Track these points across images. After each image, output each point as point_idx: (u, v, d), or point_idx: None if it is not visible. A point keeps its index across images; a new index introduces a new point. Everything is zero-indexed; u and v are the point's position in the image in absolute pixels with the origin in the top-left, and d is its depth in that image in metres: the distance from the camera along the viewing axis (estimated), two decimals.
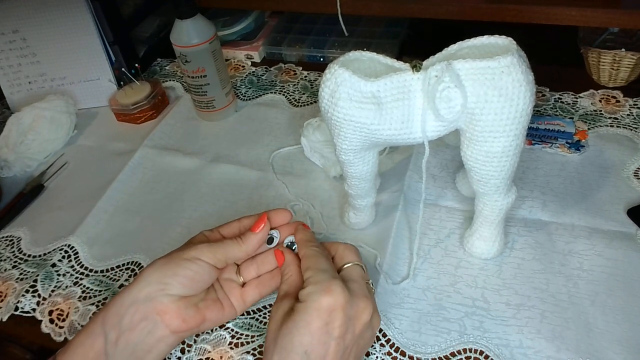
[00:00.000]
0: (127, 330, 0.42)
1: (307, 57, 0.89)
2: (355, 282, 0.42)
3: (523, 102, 0.41)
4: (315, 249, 0.45)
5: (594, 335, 0.47)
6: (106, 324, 0.43)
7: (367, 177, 0.52)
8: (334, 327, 0.39)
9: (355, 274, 0.44)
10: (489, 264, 0.53)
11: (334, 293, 0.39)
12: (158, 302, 0.43)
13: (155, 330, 0.43)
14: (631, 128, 0.66)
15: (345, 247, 0.46)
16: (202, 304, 0.46)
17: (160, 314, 0.43)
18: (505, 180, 0.47)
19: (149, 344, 0.43)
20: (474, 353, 0.47)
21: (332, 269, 0.43)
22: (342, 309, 0.39)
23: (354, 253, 0.46)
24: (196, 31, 0.70)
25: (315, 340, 0.38)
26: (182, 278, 0.44)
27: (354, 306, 0.40)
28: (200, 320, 0.45)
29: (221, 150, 0.74)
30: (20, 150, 0.75)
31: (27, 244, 0.64)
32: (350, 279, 0.43)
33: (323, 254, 0.45)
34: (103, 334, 0.42)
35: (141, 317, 0.42)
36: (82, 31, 0.80)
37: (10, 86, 0.84)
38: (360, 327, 0.41)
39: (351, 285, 0.41)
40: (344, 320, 0.39)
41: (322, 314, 0.39)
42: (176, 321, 0.43)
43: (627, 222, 0.55)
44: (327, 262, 0.44)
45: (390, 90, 0.43)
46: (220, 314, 0.47)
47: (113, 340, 0.42)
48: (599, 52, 0.71)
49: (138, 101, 0.79)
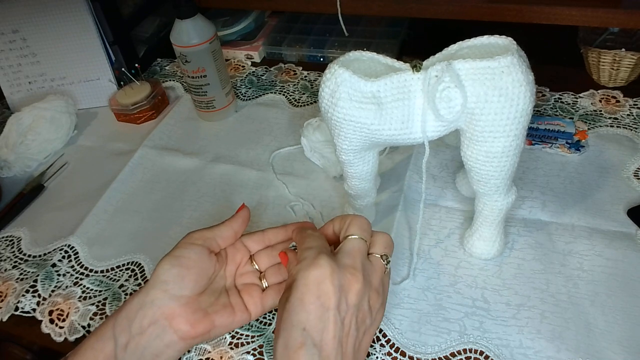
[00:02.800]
0: (137, 334, 0.42)
1: (307, 57, 0.89)
2: (348, 253, 0.41)
3: (523, 102, 0.41)
4: (306, 231, 0.45)
5: (594, 336, 0.47)
6: (116, 328, 0.43)
7: (367, 177, 0.52)
8: (326, 298, 0.38)
9: (351, 246, 0.42)
10: (489, 264, 0.53)
11: (320, 265, 0.39)
12: (164, 305, 0.43)
13: (164, 335, 0.43)
14: (631, 128, 0.66)
15: (352, 219, 0.45)
16: (211, 308, 0.45)
17: (169, 318, 0.43)
18: (505, 180, 0.47)
19: (158, 348, 0.43)
20: (474, 353, 0.47)
21: (320, 246, 0.42)
22: (329, 280, 0.39)
23: (358, 226, 0.44)
24: (196, 31, 0.70)
25: (312, 316, 0.38)
26: (178, 269, 0.44)
27: (342, 277, 0.39)
28: (209, 325, 0.45)
29: (221, 150, 0.74)
30: (20, 151, 0.75)
31: (27, 244, 0.64)
32: (344, 251, 0.42)
33: (312, 235, 0.44)
34: (113, 338, 0.42)
35: (150, 322, 0.43)
36: (82, 31, 0.80)
37: (10, 86, 0.84)
38: (353, 297, 0.40)
39: (341, 257, 0.41)
40: (333, 291, 0.39)
41: (311, 288, 0.39)
42: (184, 326, 0.43)
43: (627, 222, 0.55)
44: (316, 240, 0.43)
45: (390, 90, 0.43)
46: (230, 319, 0.46)
47: (123, 345, 0.42)
48: (599, 52, 0.71)
49: (138, 101, 0.79)
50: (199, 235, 0.47)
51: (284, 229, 0.51)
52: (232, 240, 0.49)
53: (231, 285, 0.49)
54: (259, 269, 0.50)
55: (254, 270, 0.50)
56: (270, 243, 0.51)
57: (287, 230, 0.51)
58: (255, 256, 0.50)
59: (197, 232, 0.47)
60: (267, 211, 0.63)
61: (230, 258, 0.49)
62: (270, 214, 0.63)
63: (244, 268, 0.50)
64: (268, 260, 0.50)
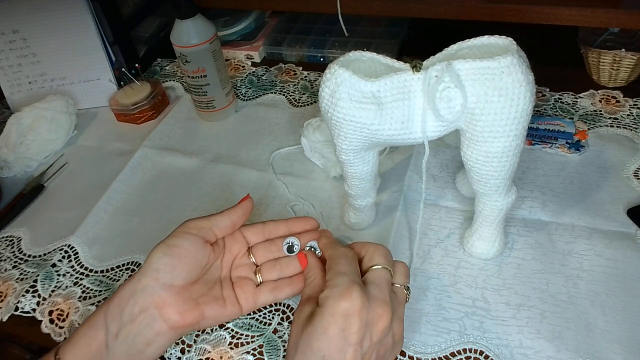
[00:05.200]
0: (128, 322, 0.42)
1: (307, 57, 0.89)
2: (378, 286, 0.41)
3: (523, 102, 0.41)
4: (340, 250, 0.44)
5: (594, 336, 0.47)
6: (108, 316, 0.43)
7: (367, 177, 0.52)
8: (350, 332, 0.38)
9: (379, 277, 0.42)
10: (489, 264, 0.53)
11: (351, 298, 0.38)
12: (155, 294, 0.43)
13: (154, 324, 0.43)
14: (631, 128, 0.66)
15: (375, 248, 0.44)
16: (202, 299, 0.45)
17: (159, 307, 0.43)
18: (505, 180, 0.47)
19: (148, 337, 0.43)
20: (474, 353, 0.47)
21: (353, 272, 0.41)
22: (358, 315, 0.38)
23: (382, 255, 0.44)
24: (196, 31, 0.70)
25: (333, 345, 0.38)
26: (170, 258, 0.43)
27: (371, 312, 0.39)
28: (199, 316, 0.44)
29: (221, 150, 0.74)
30: (20, 151, 0.75)
31: (27, 244, 0.64)
32: (373, 282, 0.41)
33: (347, 256, 0.43)
34: (105, 326, 0.42)
35: (140, 309, 0.42)
36: (82, 31, 0.80)
37: (10, 86, 0.84)
38: (378, 333, 0.39)
39: (372, 290, 0.40)
40: (360, 326, 0.38)
41: (338, 320, 0.38)
42: (174, 316, 0.43)
43: (627, 222, 0.55)
44: (349, 265, 0.42)
45: (391, 90, 0.43)
46: (220, 311, 0.46)
47: (114, 333, 0.42)
48: (599, 52, 0.71)
49: (138, 101, 0.79)
50: (195, 224, 0.46)
51: (284, 224, 0.50)
52: (229, 230, 0.48)
53: (226, 277, 0.48)
54: (255, 263, 0.49)
55: (250, 263, 0.49)
56: (270, 236, 0.50)
57: (288, 225, 0.50)
58: (253, 249, 0.50)
59: (194, 220, 0.47)
60: (267, 211, 0.63)
61: (227, 248, 0.49)
62: (270, 214, 0.63)
63: (240, 260, 0.49)
64: (265, 255, 0.49)
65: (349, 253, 0.44)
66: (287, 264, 0.49)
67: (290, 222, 0.50)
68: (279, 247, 0.49)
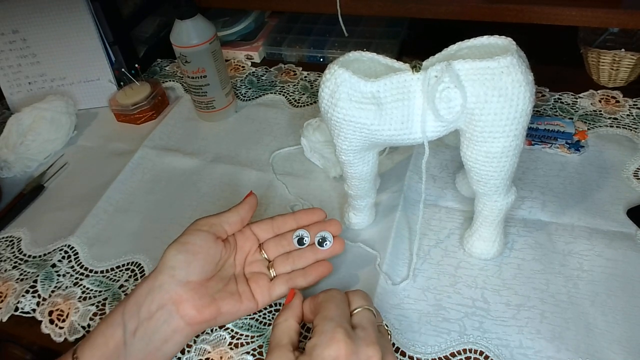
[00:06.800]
0: (145, 319, 0.43)
1: (307, 57, 0.89)
2: (363, 328, 0.40)
3: (523, 103, 0.41)
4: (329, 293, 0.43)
5: (594, 336, 0.47)
6: (126, 314, 0.43)
7: (367, 177, 0.52)
8: None
9: (364, 319, 0.41)
10: (489, 264, 0.53)
11: (337, 344, 0.38)
12: (172, 290, 0.44)
13: (171, 320, 0.44)
14: (631, 128, 0.66)
15: (353, 293, 0.44)
16: (218, 295, 0.46)
17: (176, 303, 0.44)
18: (505, 180, 0.47)
19: (166, 333, 0.44)
20: (474, 353, 0.47)
21: (340, 315, 0.41)
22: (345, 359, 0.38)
23: (362, 297, 0.44)
24: (196, 31, 0.70)
25: None
26: (184, 255, 0.45)
27: (360, 354, 0.38)
28: (216, 311, 0.45)
29: (221, 150, 0.74)
30: (20, 151, 0.75)
31: (27, 245, 0.64)
32: (359, 324, 0.41)
33: (335, 299, 0.43)
34: (122, 324, 0.43)
35: (158, 306, 0.43)
36: (82, 31, 0.80)
37: (10, 86, 0.84)
38: None
39: (358, 332, 0.40)
40: None
41: None
42: (191, 311, 0.44)
43: (627, 222, 0.55)
44: (337, 309, 0.42)
45: (390, 90, 0.43)
46: (237, 306, 0.47)
47: (132, 330, 0.43)
48: (598, 52, 0.71)
49: (138, 101, 0.79)
50: (205, 221, 0.48)
51: (292, 217, 0.52)
52: (239, 226, 0.50)
53: (240, 274, 0.49)
54: (268, 258, 0.51)
55: (263, 259, 0.51)
56: (279, 231, 0.52)
57: (296, 218, 0.52)
58: (264, 245, 0.51)
59: (204, 218, 0.48)
60: (267, 211, 0.63)
61: (239, 246, 0.50)
62: (270, 214, 0.63)
63: (252, 256, 0.51)
64: (276, 249, 0.51)
65: (338, 296, 0.43)
66: (299, 256, 0.51)
67: (297, 215, 0.52)
68: (289, 241, 0.51)
